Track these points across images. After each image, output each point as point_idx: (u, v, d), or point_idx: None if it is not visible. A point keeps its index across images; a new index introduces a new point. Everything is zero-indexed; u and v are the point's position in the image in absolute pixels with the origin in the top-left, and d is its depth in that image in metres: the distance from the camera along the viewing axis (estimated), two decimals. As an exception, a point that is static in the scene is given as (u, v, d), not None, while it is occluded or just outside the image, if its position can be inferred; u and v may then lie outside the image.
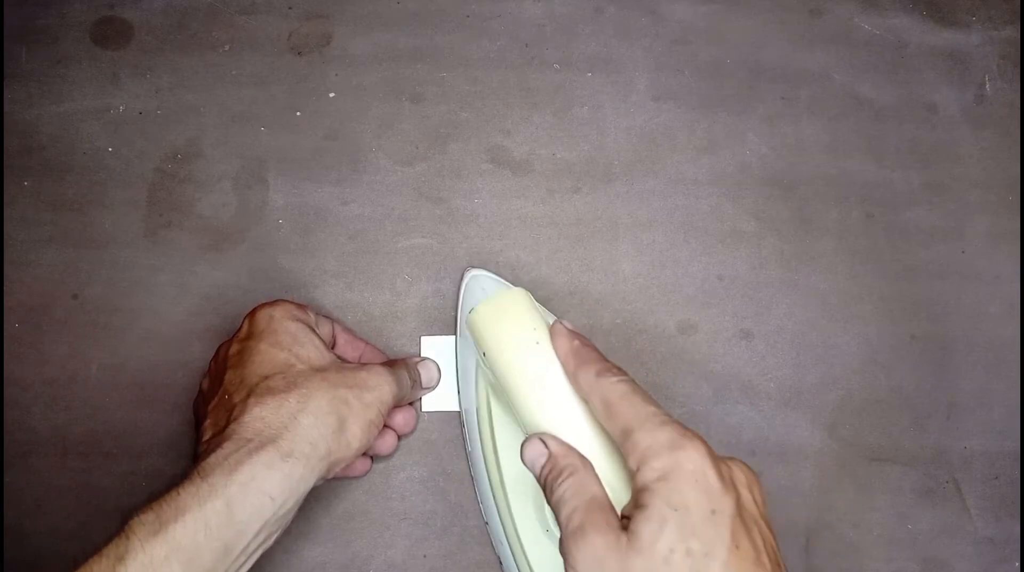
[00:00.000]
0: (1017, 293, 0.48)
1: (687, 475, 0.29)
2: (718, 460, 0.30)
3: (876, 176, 0.49)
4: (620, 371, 0.33)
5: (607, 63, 0.50)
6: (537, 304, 0.38)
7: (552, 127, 0.49)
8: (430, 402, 0.43)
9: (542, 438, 0.33)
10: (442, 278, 0.46)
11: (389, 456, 0.42)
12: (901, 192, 0.49)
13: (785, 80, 0.51)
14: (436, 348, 0.44)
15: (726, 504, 0.29)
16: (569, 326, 0.35)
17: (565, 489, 0.31)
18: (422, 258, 0.46)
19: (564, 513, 0.30)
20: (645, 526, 0.28)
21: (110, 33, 0.49)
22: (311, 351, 0.37)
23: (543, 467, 0.32)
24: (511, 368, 0.35)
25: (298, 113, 0.48)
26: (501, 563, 0.41)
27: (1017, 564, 0.44)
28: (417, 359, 0.43)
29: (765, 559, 0.29)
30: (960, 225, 0.49)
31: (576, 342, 0.34)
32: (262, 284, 0.45)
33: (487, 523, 0.41)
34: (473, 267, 0.43)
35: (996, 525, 0.44)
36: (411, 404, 0.43)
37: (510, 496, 0.39)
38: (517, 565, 0.39)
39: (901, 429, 0.45)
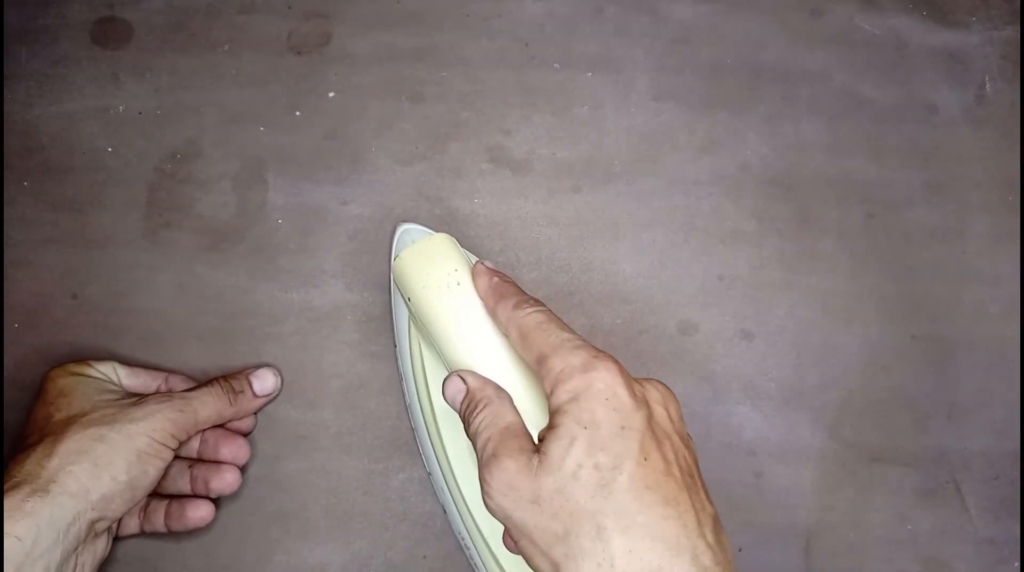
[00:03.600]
0: (1017, 293, 0.48)
1: (597, 394, 0.29)
2: (631, 380, 0.30)
3: (876, 176, 0.49)
4: (537, 302, 0.33)
5: (607, 63, 0.50)
6: (462, 249, 0.38)
7: (552, 127, 0.49)
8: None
9: (460, 374, 0.33)
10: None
11: (234, 492, 0.41)
12: (901, 192, 0.49)
13: (785, 80, 0.51)
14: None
15: (636, 419, 0.29)
16: (490, 265, 0.36)
17: (481, 420, 0.31)
18: (422, 258, 0.46)
19: (480, 443, 0.31)
20: (555, 445, 0.29)
21: (110, 33, 0.49)
22: (78, 399, 0.38)
23: (462, 402, 0.33)
24: (433, 309, 0.36)
25: (298, 113, 0.48)
26: (445, 512, 0.41)
27: (1017, 564, 0.44)
28: (250, 370, 0.43)
29: (676, 471, 0.29)
30: (960, 225, 0.49)
31: (496, 279, 0.35)
32: (262, 284, 0.45)
33: (430, 474, 0.42)
34: (405, 222, 0.43)
35: (996, 526, 0.44)
36: (245, 435, 0.42)
37: (445, 440, 0.39)
38: (457, 508, 0.39)
39: (902, 429, 0.45)
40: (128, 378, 0.41)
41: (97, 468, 0.35)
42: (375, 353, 0.45)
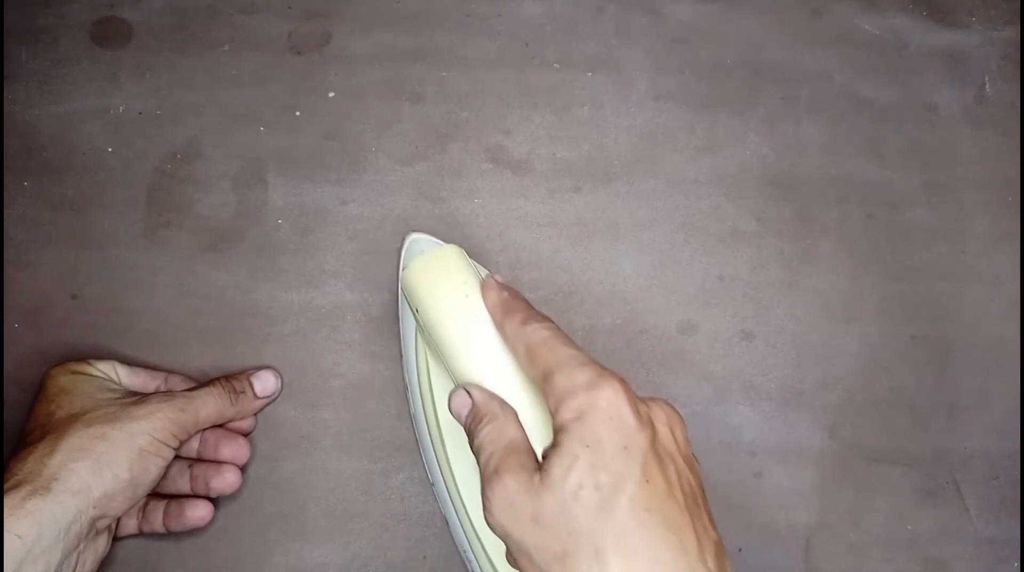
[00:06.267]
0: (1017, 293, 0.48)
1: (601, 413, 0.29)
2: (636, 399, 0.30)
3: (876, 176, 0.49)
4: (545, 318, 0.33)
5: (607, 63, 0.50)
6: (471, 260, 0.38)
7: (552, 127, 0.49)
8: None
9: (466, 388, 0.33)
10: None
11: (234, 492, 0.41)
12: (901, 192, 0.49)
13: (785, 80, 0.51)
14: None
15: (639, 440, 0.29)
16: (500, 279, 0.36)
17: (484, 435, 0.31)
18: (422, 258, 0.46)
19: (482, 459, 0.31)
20: (557, 463, 0.29)
21: (110, 33, 0.49)
22: (79, 397, 0.38)
23: (467, 416, 0.33)
24: (441, 321, 0.36)
25: (298, 113, 0.48)
26: (448, 523, 0.41)
27: (1017, 564, 0.44)
28: (251, 370, 0.43)
29: (678, 493, 0.29)
30: (960, 225, 0.49)
31: (505, 294, 0.35)
32: (262, 284, 0.45)
33: (432, 484, 0.42)
34: (414, 231, 0.43)
35: (996, 526, 0.44)
36: (245, 435, 0.42)
37: (449, 451, 0.39)
38: (459, 521, 0.39)
39: (901, 430, 0.45)
40: (128, 377, 0.42)
41: (99, 465, 0.35)
42: (375, 353, 0.45)
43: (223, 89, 0.48)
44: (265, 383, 0.42)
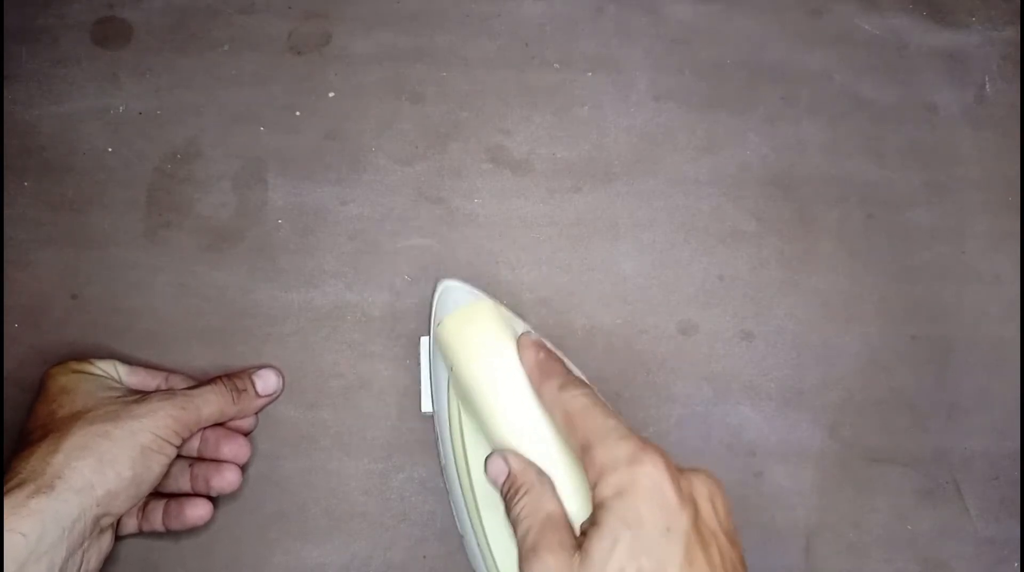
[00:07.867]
0: (1017, 293, 0.48)
1: (643, 491, 0.29)
2: (677, 474, 0.30)
3: (876, 176, 0.49)
4: (583, 384, 0.33)
5: (607, 63, 0.50)
6: (507, 313, 0.38)
7: (552, 127, 0.49)
8: (429, 403, 0.43)
9: (504, 455, 0.33)
10: (442, 278, 0.46)
11: (234, 492, 0.41)
12: (901, 192, 0.49)
13: (785, 80, 0.51)
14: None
15: (682, 520, 0.28)
16: (535, 338, 0.35)
17: (522, 507, 0.31)
18: (422, 258, 0.46)
19: (520, 532, 0.31)
20: (597, 544, 0.28)
21: (110, 33, 0.49)
22: (81, 396, 0.38)
23: (504, 484, 0.33)
24: (476, 382, 0.35)
25: (298, 113, 0.48)
26: None
27: (1017, 565, 0.44)
28: (252, 369, 0.43)
29: None
30: (960, 225, 0.49)
31: (541, 355, 0.34)
32: (262, 284, 0.45)
33: (462, 536, 0.41)
34: (446, 278, 0.42)
35: (996, 526, 0.44)
36: (246, 435, 0.42)
37: (482, 509, 0.38)
38: None
39: (901, 429, 0.45)
40: (129, 376, 0.42)
41: (102, 464, 0.35)
42: (375, 353, 0.45)
43: (223, 89, 0.49)
44: (267, 382, 0.42)
